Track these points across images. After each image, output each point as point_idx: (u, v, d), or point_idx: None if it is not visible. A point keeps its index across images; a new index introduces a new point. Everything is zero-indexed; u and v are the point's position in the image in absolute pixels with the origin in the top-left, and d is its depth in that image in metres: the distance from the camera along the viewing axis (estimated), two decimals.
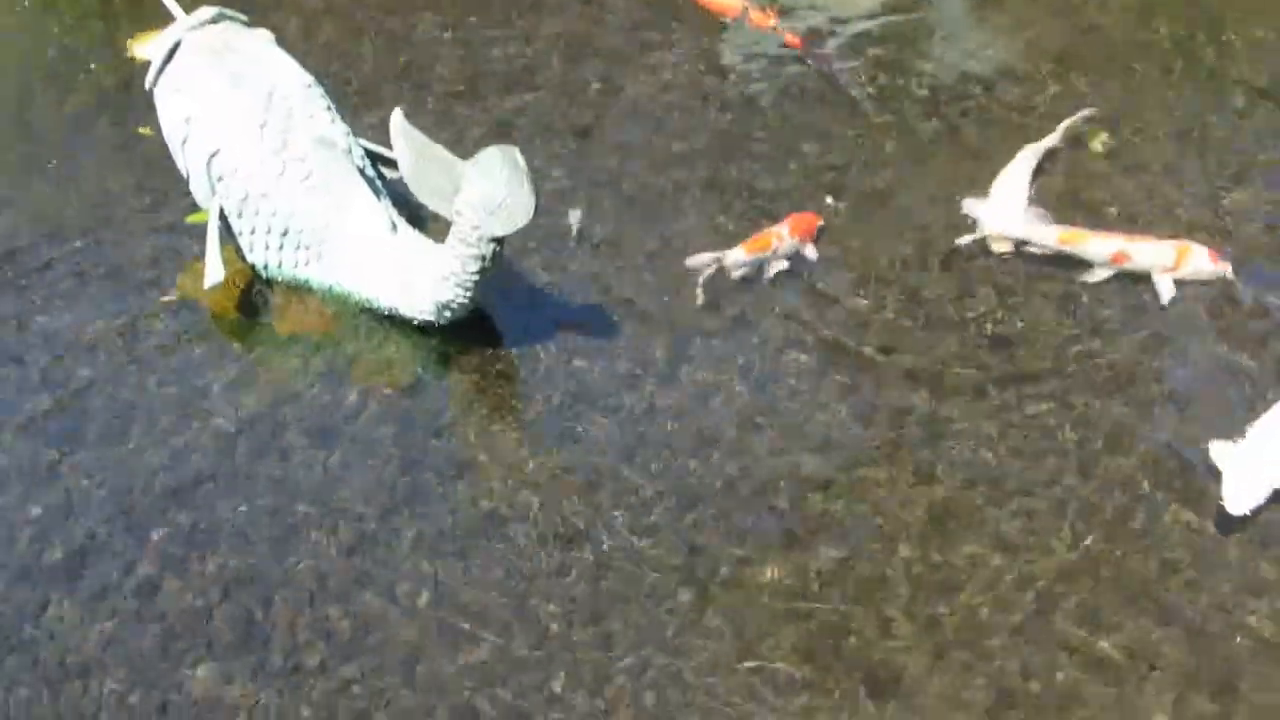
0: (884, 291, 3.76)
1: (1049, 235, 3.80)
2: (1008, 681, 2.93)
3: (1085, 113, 4.23)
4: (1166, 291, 3.69)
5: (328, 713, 2.89)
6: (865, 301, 3.73)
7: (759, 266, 3.78)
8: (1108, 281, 3.76)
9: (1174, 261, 3.72)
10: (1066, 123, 4.17)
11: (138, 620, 3.05)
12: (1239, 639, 3.00)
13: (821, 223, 3.90)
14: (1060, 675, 2.94)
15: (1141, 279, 3.76)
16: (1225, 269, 3.74)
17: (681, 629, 3.02)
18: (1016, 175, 3.99)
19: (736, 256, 3.76)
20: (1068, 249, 3.78)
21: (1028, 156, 4.04)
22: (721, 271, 3.75)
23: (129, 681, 2.95)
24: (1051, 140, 4.11)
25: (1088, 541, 3.17)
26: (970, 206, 3.93)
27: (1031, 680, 2.93)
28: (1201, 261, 3.73)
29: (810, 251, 3.83)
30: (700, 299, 3.71)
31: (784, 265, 3.79)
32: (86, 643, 3.01)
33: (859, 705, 2.89)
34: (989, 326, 3.67)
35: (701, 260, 3.76)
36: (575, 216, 3.51)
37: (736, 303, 3.72)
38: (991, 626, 3.02)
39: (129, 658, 2.98)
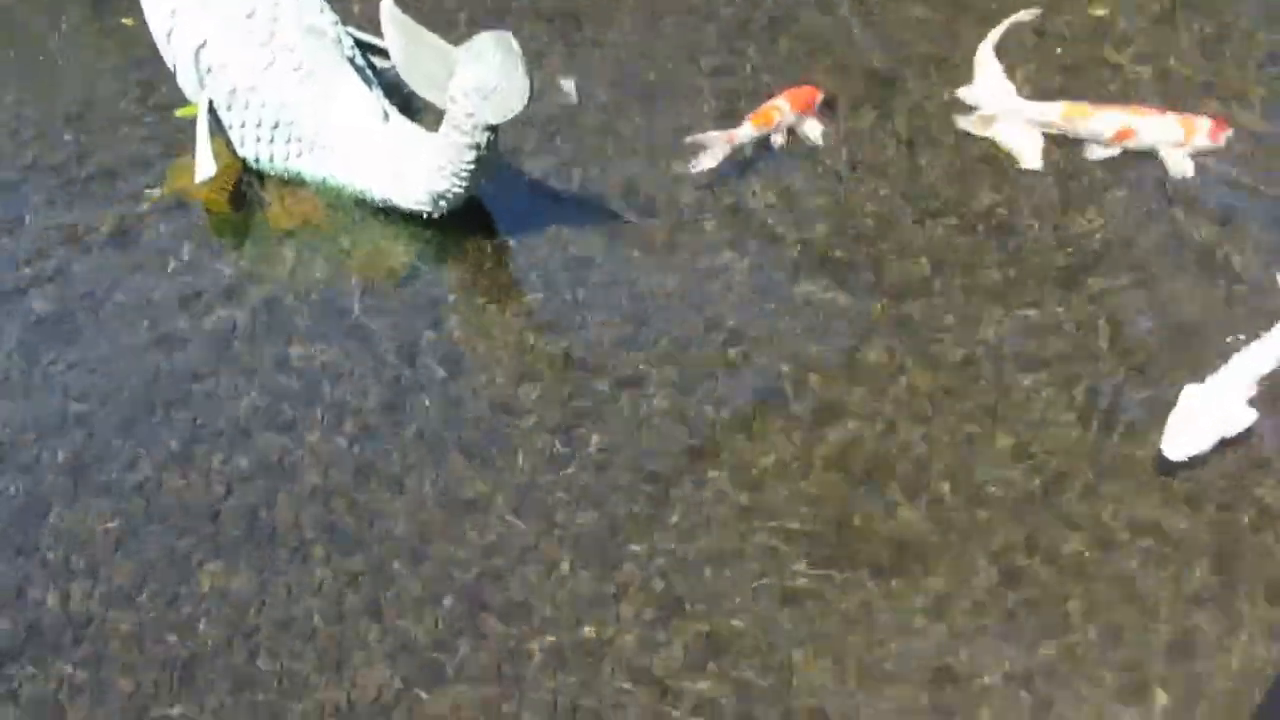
0: (882, 173, 3.72)
1: (1052, 112, 3.74)
2: (1012, 559, 2.94)
3: (1031, 11, 4.11)
4: (1175, 167, 3.64)
5: (336, 605, 2.90)
6: (863, 183, 3.69)
7: (765, 141, 3.72)
8: (1110, 159, 3.71)
9: (1182, 136, 3.67)
10: (1013, 19, 4.06)
11: (143, 519, 3.05)
12: (1243, 512, 3.01)
13: (822, 96, 3.83)
14: (1065, 551, 2.95)
15: (1143, 155, 3.71)
16: (1227, 140, 3.69)
17: (687, 513, 3.02)
18: (988, 61, 3.91)
19: (744, 131, 3.70)
20: (1071, 126, 3.73)
21: (987, 47, 3.95)
22: (729, 149, 3.69)
23: (137, 579, 2.96)
24: (1000, 31, 4.00)
25: (1092, 418, 3.17)
26: (966, 92, 3.86)
27: (1036, 557, 2.94)
28: (1207, 134, 3.67)
29: (813, 126, 3.77)
30: (706, 179, 3.66)
31: (782, 139, 3.74)
32: (92, 543, 3.02)
33: (864, 585, 2.90)
34: (988, 207, 3.63)
35: (707, 138, 3.70)
36: (568, 85, 3.43)
37: (735, 186, 3.67)
38: (996, 505, 3.02)
39: (135, 556, 2.99)
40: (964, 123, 3.80)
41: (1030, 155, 3.70)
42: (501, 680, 2.78)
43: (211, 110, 3.61)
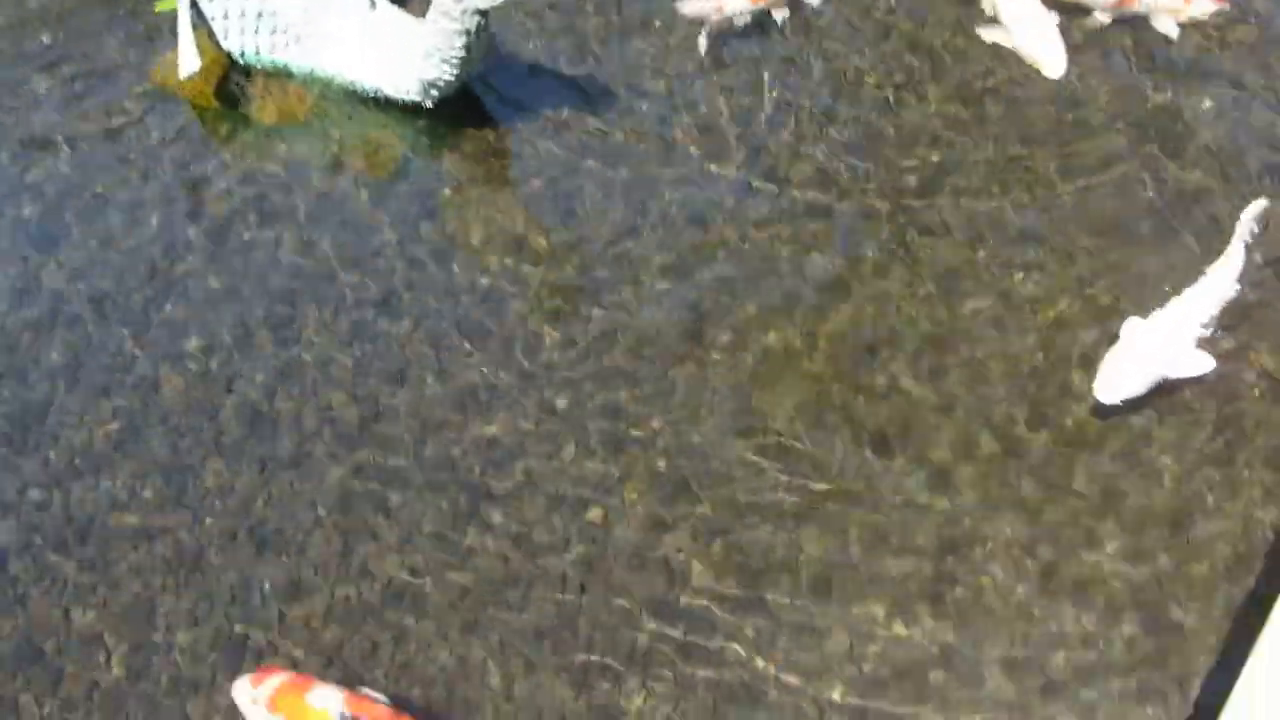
0: (884, 45, 3.66)
1: None
2: (1015, 430, 2.94)
3: None
4: (1174, 32, 3.61)
5: (341, 497, 2.91)
6: (864, 56, 3.64)
7: (762, 16, 3.67)
8: (1107, 30, 3.66)
9: (1180, 3, 3.62)
10: None
11: (143, 419, 3.04)
12: (1245, 380, 3.00)
13: None
14: (1068, 421, 2.95)
15: (1141, 26, 3.66)
16: (1225, 6, 3.65)
17: (688, 396, 3.02)
18: None
19: (738, 4, 3.64)
20: None
21: None
22: (723, 23, 3.64)
23: (139, 478, 2.96)
24: None
25: (1093, 290, 3.15)
26: None
27: (1040, 429, 2.94)
28: (1206, 2, 3.63)
29: None
30: (703, 52, 3.61)
31: (785, 13, 3.68)
32: (93, 443, 3.01)
33: (865, 460, 2.91)
34: (990, 79, 3.59)
35: (699, 9, 3.64)
36: None
37: (732, 65, 3.62)
38: (997, 378, 3.02)
39: (137, 455, 2.99)
40: (984, 34, 3.71)
41: (1053, 65, 3.62)
42: (508, 565, 2.80)
43: (193, 4, 3.54)
